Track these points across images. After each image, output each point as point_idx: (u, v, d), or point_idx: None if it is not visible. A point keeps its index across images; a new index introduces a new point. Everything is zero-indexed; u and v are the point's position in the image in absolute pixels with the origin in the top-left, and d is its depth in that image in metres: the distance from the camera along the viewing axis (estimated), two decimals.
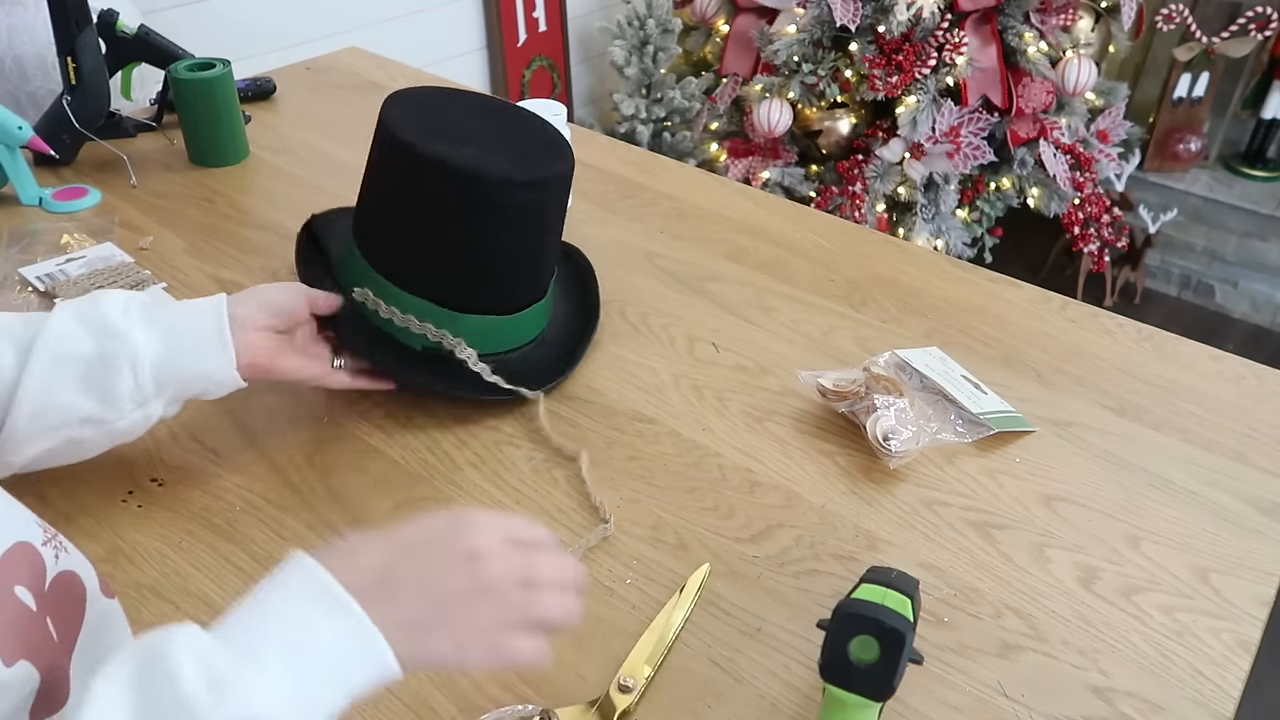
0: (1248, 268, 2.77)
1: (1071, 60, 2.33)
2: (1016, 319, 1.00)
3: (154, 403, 0.70)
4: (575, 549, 0.72)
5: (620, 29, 2.64)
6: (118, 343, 0.67)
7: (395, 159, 0.83)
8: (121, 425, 0.69)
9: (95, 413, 0.68)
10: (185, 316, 0.72)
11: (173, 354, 0.70)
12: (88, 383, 0.67)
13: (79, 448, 0.70)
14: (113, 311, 0.68)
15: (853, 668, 0.53)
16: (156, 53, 1.31)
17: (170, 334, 0.70)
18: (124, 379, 0.67)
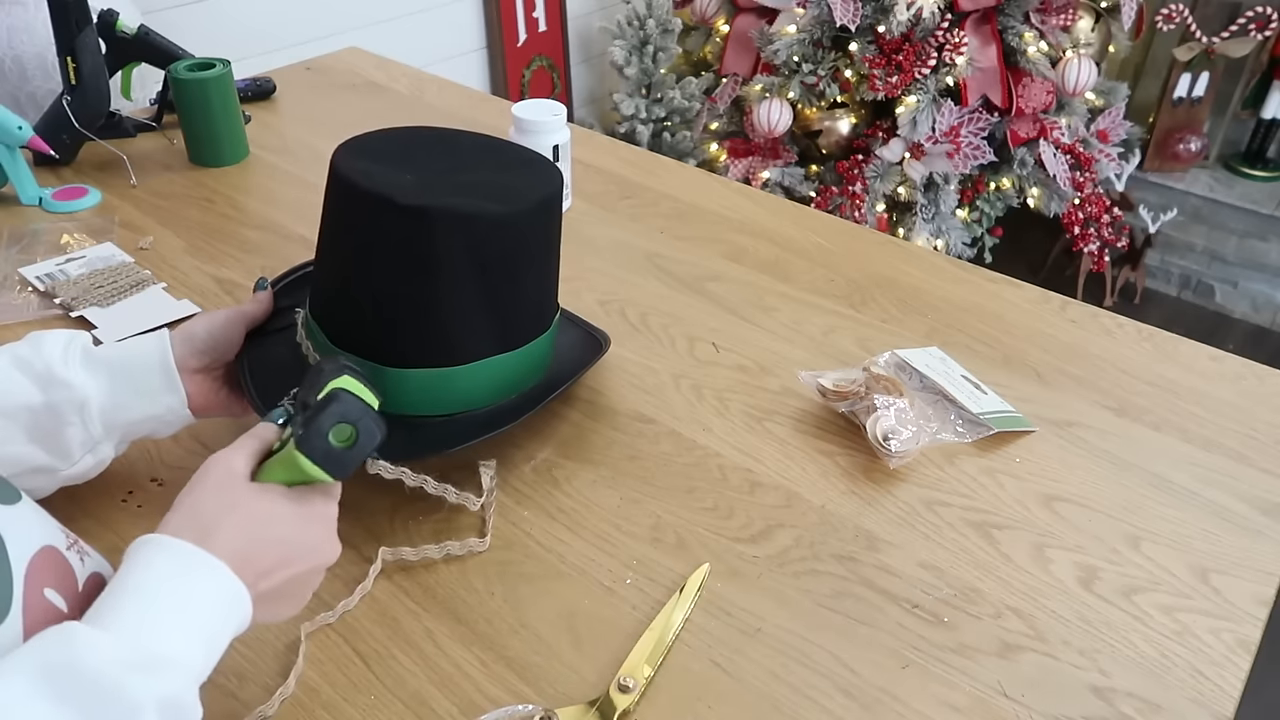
0: (1248, 268, 2.77)
1: (1071, 60, 2.33)
2: (1016, 319, 1.00)
3: (104, 446, 0.70)
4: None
5: (620, 29, 2.64)
6: (64, 391, 0.66)
7: (332, 194, 0.76)
8: (73, 472, 0.69)
9: (46, 463, 0.67)
10: (129, 360, 0.70)
11: (120, 399, 0.69)
12: (34, 433, 0.66)
13: (29, 493, 0.69)
14: (54, 358, 0.67)
15: (327, 447, 0.55)
16: (156, 53, 1.31)
17: (116, 379, 0.69)
18: (73, 427, 0.67)
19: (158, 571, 0.49)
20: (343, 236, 0.75)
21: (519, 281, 0.77)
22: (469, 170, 0.78)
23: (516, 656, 0.65)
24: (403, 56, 1.71)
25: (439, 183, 0.74)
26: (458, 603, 0.69)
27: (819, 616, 0.68)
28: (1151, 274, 2.88)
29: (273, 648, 0.66)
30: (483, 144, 0.83)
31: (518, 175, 0.79)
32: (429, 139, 0.82)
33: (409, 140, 0.81)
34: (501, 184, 0.76)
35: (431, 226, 0.71)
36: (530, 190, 0.76)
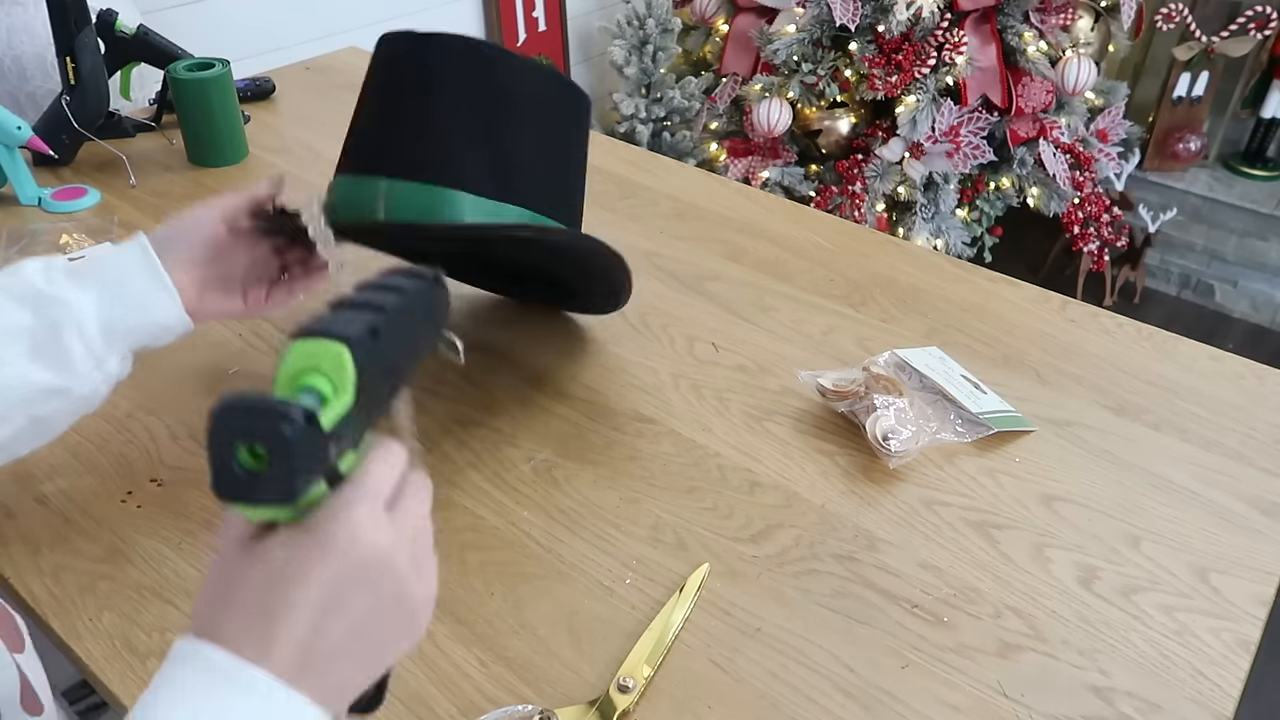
0: (1247, 267, 2.78)
1: (1071, 60, 2.33)
2: (1016, 319, 1.00)
3: (109, 360, 0.68)
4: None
5: (620, 29, 2.64)
6: (55, 307, 0.65)
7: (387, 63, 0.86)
8: (84, 391, 0.67)
9: (55, 382, 0.66)
10: (114, 266, 0.69)
11: (115, 308, 0.68)
12: (37, 353, 0.65)
13: (44, 426, 0.68)
14: (36, 279, 0.66)
15: (246, 478, 0.39)
16: (156, 52, 1.31)
17: (106, 288, 0.68)
18: (73, 342, 0.66)
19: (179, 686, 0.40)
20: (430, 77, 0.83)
21: (574, 159, 0.86)
22: None
23: (516, 656, 0.65)
24: None
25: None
26: (457, 603, 0.69)
27: (818, 616, 0.68)
28: (1151, 273, 2.88)
29: None
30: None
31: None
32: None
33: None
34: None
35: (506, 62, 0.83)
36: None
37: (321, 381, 0.41)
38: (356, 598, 0.41)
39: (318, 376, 0.41)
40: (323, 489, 0.42)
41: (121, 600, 0.68)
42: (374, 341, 0.42)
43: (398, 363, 0.46)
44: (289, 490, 0.40)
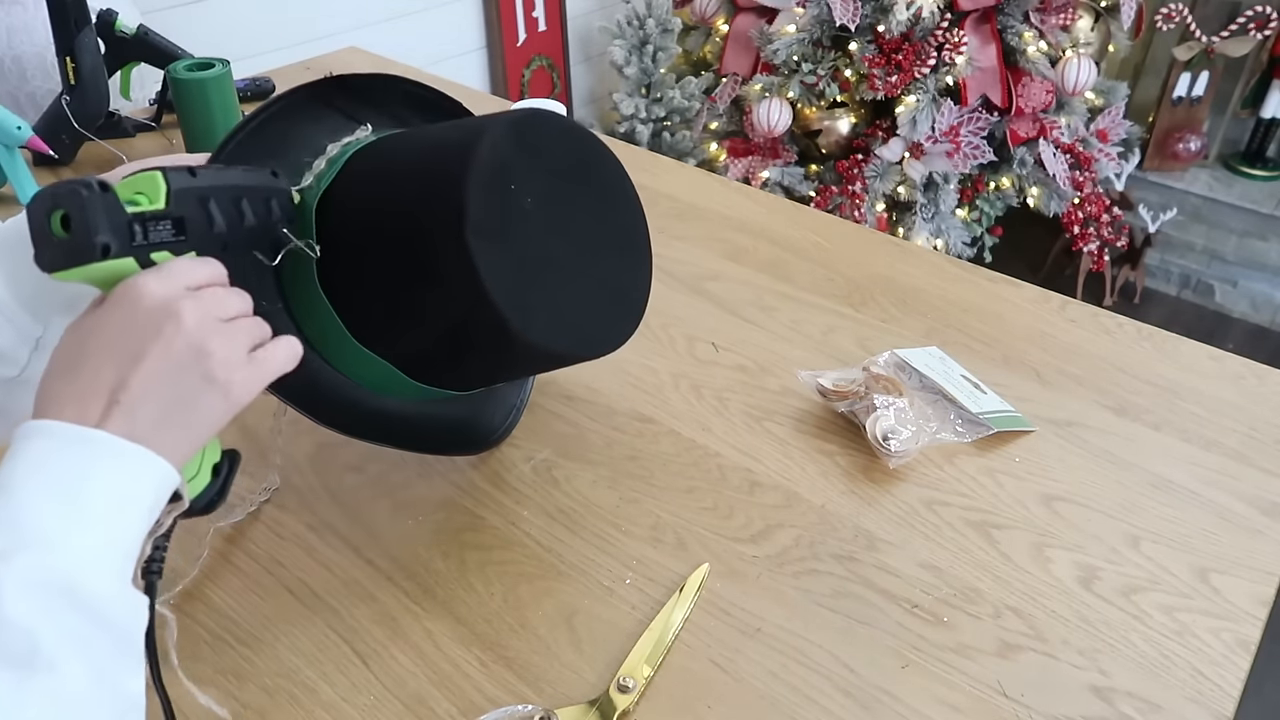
0: (1247, 267, 2.78)
1: (1071, 60, 2.33)
2: (1016, 319, 1.00)
3: (48, 336, 0.61)
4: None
5: (620, 29, 2.64)
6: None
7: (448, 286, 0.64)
8: (30, 375, 0.61)
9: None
10: (16, 230, 0.59)
11: (25, 276, 0.59)
12: None
13: (5, 414, 0.62)
14: None
15: (57, 243, 0.49)
16: (155, 52, 1.31)
17: (14, 257, 0.59)
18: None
19: (15, 463, 0.46)
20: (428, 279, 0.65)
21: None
22: (592, 265, 0.72)
23: (516, 656, 0.65)
24: (403, 56, 1.71)
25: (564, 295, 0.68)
26: (457, 603, 0.69)
27: (819, 616, 0.68)
28: (1151, 273, 2.88)
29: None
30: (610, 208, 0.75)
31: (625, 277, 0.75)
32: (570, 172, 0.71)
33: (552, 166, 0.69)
34: (610, 297, 0.74)
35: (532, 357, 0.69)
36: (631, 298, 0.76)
37: (140, 197, 0.52)
38: (148, 345, 0.48)
39: (139, 195, 0.52)
40: (132, 265, 0.50)
41: None
42: (191, 177, 0.54)
43: (219, 206, 0.56)
44: (89, 246, 0.48)
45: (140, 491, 0.47)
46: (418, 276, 0.65)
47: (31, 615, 0.41)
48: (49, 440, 0.46)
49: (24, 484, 0.45)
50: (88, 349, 0.49)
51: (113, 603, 0.45)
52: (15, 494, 0.45)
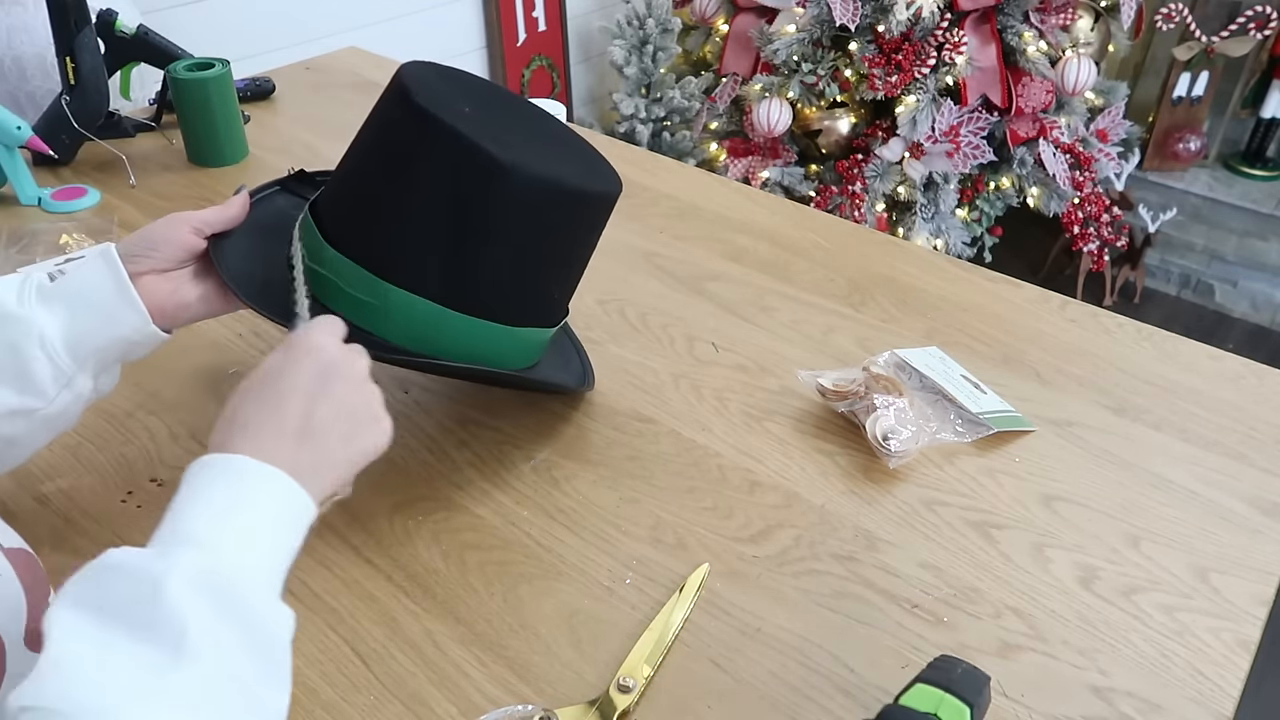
0: (1247, 267, 2.77)
1: (1071, 60, 2.33)
2: (1016, 319, 1.00)
3: (80, 379, 0.66)
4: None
5: (620, 29, 2.64)
6: (19, 326, 0.63)
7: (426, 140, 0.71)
8: (52, 411, 0.65)
9: (19, 404, 0.64)
10: (81, 283, 0.67)
11: (80, 325, 0.65)
12: (1, 375, 0.63)
13: (14, 447, 0.66)
14: (7, 297, 0.64)
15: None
16: (155, 52, 1.31)
17: (73, 305, 0.65)
18: (38, 361, 0.64)
19: (182, 491, 0.51)
20: (411, 166, 0.71)
21: (570, 263, 0.80)
22: (545, 140, 0.77)
23: (516, 656, 0.65)
24: (403, 56, 1.70)
25: (530, 146, 0.73)
26: (457, 603, 0.69)
27: (819, 616, 0.68)
28: (1151, 273, 2.88)
29: None
30: (538, 116, 0.81)
31: (590, 161, 0.79)
32: (494, 96, 0.79)
33: (477, 91, 0.78)
34: (582, 164, 0.77)
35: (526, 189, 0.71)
36: (608, 180, 0.78)
37: None
38: (335, 383, 0.57)
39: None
40: None
41: None
42: None
43: None
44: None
45: (290, 518, 0.53)
46: (404, 172, 0.72)
47: (189, 606, 0.44)
48: (212, 471, 0.52)
49: (192, 504, 0.50)
50: (279, 384, 0.57)
51: (264, 611, 0.47)
52: (183, 513, 0.49)
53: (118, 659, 0.42)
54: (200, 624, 0.43)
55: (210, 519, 0.49)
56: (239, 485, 0.51)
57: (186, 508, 0.50)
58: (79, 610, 0.43)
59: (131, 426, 0.84)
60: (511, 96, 0.82)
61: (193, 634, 0.43)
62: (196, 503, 0.50)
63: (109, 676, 0.41)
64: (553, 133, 0.79)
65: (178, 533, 0.48)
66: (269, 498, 0.52)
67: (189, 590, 0.44)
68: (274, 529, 0.51)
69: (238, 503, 0.50)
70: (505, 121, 0.75)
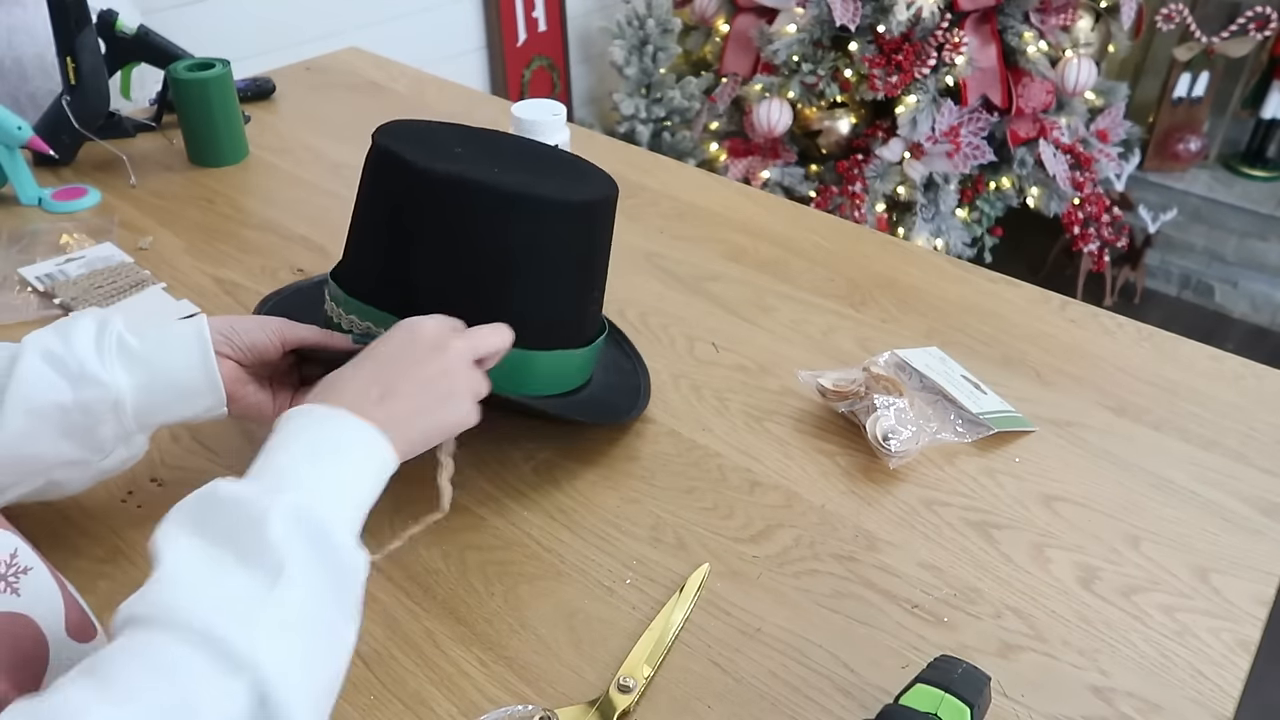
0: (1248, 268, 2.77)
1: (1071, 60, 2.33)
2: (1016, 319, 1.00)
3: (137, 437, 0.68)
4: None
5: (620, 29, 2.64)
6: (98, 390, 0.63)
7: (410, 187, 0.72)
8: (106, 465, 0.68)
9: (79, 456, 0.65)
10: (168, 355, 0.67)
11: (157, 398, 0.66)
12: (68, 431, 0.64)
13: (61, 488, 0.68)
14: (87, 353, 0.64)
15: None
16: (156, 53, 1.31)
17: (154, 377, 0.66)
18: (106, 424, 0.65)
19: (276, 436, 0.56)
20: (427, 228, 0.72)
21: (596, 275, 0.81)
22: (528, 164, 0.78)
23: (516, 656, 0.65)
24: (403, 56, 1.71)
25: (521, 173, 0.75)
26: (458, 603, 0.69)
27: (819, 616, 0.68)
28: (1151, 274, 2.88)
29: None
30: (519, 144, 0.84)
31: (579, 174, 0.80)
32: (469, 135, 0.81)
33: (451, 134, 0.80)
34: (574, 178, 0.79)
35: (538, 215, 0.73)
36: (601, 185, 0.79)
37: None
38: (425, 358, 0.63)
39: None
40: None
41: (121, 600, 0.68)
42: None
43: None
44: None
45: (374, 467, 0.57)
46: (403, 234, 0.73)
47: (288, 540, 0.48)
48: (308, 419, 0.57)
49: (287, 446, 0.55)
50: (374, 356, 0.63)
51: (348, 553, 0.52)
52: (280, 453, 0.55)
53: (224, 580, 0.47)
54: (297, 559, 0.48)
55: (306, 462, 0.54)
56: (330, 433, 0.57)
57: (281, 451, 0.55)
58: (190, 531, 0.48)
59: None
60: (477, 131, 0.84)
61: (290, 567, 0.47)
62: (291, 446, 0.55)
63: (215, 595, 0.46)
64: (532, 153, 0.82)
65: (275, 471, 0.53)
66: (358, 447, 0.57)
67: (290, 526, 0.49)
68: (358, 476, 0.56)
69: (329, 449, 0.56)
70: (489, 153, 0.78)
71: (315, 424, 0.57)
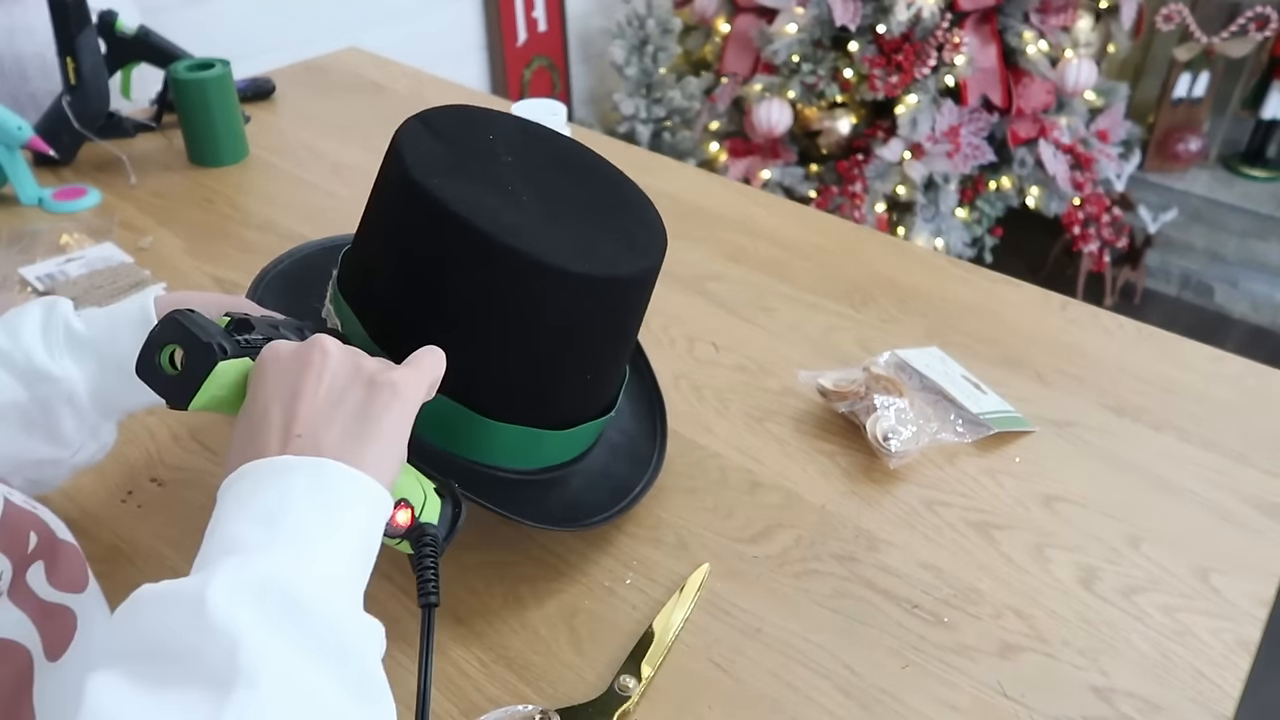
0: (1248, 268, 2.77)
1: (1071, 60, 2.33)
2: (1016, 319, 1.00)
3: (104, 428, 0.67)
4: None
5: (620, 29, 2.64)
6: (50, 385, 0.62)
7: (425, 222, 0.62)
8: (79, 459, 0.67)
9: (49, 454, 0.65)
10: (116, 340, 0.64)
11: (110, 383, 0.64)
12: (29, 428, 0.63)
13: (41, 485, 0.68)
14: (35, 348, 0.62)
15: (159, 372, 0.52)
16: (156, 53, 1.32)
17: (104, 363, 0.64)
18: (65, 419, 0.64)
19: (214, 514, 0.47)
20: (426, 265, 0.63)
21: (633, 338, 0.74)
22: (583, 205, 0.68)
23: (516, 656, 0.65)
24: (403, 56, 1.71)
25: (559, 228, 0.64)
26: (457, 603, 0.69)
27: (819, 616, 0.68)
28: (1151, 274, 2.88)
29: None
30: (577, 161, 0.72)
31: (630, 222, 0.69)
32: (487, 129, 0.70)
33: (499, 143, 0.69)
34: (620, 233, 0.67)
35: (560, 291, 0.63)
36: (646, 249, 0.69)
37: (222, 319, 0.55)
38: (302, 378, 0.49)
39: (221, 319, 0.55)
40: (249, 363, 0.53)
41: (121, 600, 0.68)
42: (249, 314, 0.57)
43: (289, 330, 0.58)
44: (208, 353, 0.51)
45: (343, 502, 0.46)
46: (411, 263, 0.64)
47: (234, 619, 0.38)
48: (244, 480, 0.46)
49: (231, 517, 0.44)
50: (254, 413, 0.49)
51: (328, 614, 0.41)
52: (221, 527, 0.45)
53: (163, 713, 0.36)
54: (253, 637, 0.38)
55: (245, 522, 0.44)
56: (261, 482, 0.46)
57: (218, 525, 0.45)
58: (112, 663, 0.38)
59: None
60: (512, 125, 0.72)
61: (246, 650, 0.37)
62: (227, 516, 0.45)
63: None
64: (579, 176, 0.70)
65: (212, 549, 0.43)
66: (304, 483, 0.45)
67: (230, 601, 0.38)
68: (322, 516, 0.45)
69: (267, 499, 0.45)
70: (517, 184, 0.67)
71: (240, 482, 0.46)
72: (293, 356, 0.51)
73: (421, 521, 0.55)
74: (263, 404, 0.49)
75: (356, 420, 0.49)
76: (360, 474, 0.47)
